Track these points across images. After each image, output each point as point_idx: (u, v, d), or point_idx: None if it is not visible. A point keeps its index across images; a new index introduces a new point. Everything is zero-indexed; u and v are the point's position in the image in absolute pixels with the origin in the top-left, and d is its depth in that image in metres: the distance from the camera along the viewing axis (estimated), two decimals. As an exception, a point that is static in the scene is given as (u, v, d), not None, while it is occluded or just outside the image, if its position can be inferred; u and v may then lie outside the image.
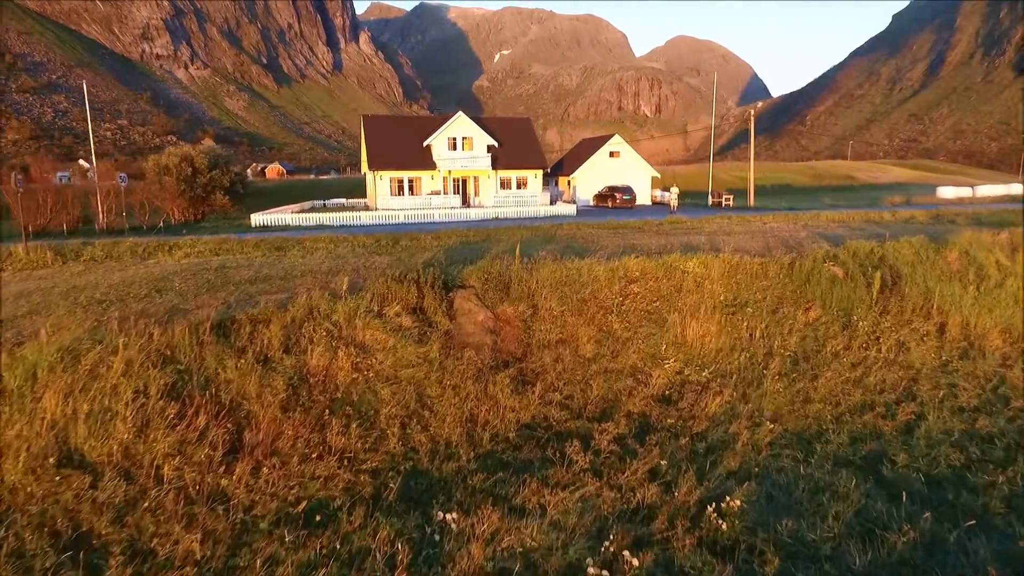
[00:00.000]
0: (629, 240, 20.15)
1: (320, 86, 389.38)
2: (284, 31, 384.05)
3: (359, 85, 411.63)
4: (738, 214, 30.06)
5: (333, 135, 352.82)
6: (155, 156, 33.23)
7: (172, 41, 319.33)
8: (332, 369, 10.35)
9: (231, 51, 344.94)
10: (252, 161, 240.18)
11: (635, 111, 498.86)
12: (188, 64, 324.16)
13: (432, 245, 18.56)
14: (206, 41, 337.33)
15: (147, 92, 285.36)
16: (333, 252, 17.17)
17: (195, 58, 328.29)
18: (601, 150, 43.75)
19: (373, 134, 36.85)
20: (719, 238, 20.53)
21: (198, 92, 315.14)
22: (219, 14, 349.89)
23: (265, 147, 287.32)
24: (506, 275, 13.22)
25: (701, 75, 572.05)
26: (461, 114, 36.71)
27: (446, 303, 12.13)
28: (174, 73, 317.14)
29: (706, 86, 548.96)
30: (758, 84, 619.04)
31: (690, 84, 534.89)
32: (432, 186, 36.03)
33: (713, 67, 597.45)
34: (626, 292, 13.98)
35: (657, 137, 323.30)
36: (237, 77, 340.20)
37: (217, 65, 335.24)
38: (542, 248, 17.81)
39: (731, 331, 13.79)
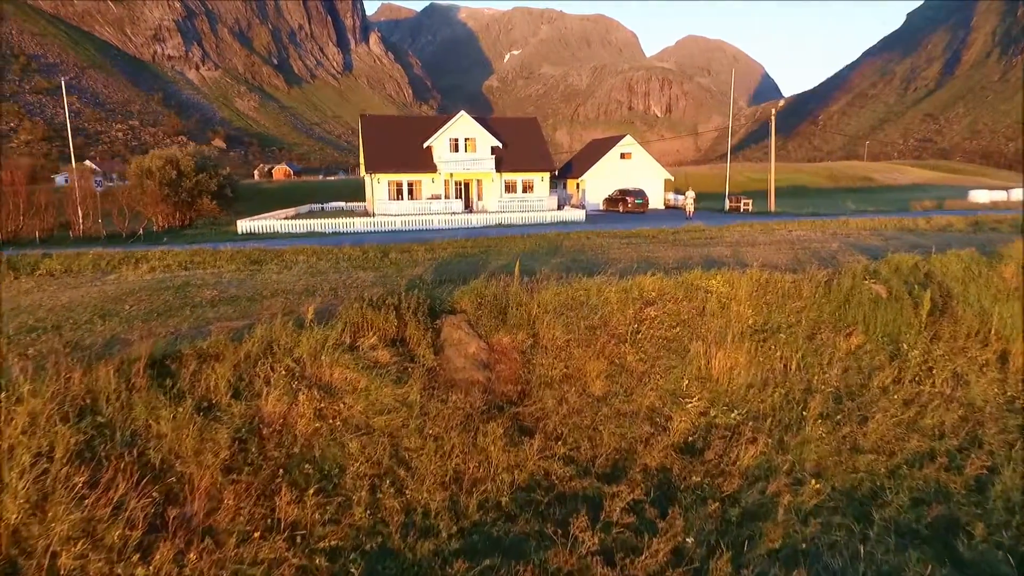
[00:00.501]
0: (643, 252, 18.35)
1: (330, 86, 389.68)
2: (295, 32, 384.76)
3: (369, 85, 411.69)
4: (760, 221, 28.14)
5: (343, 135, 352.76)
6: (138, 158, 31.66)
7: (184, 42, 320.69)
8: (291, 417, 8.65)
9: (242, 52, 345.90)
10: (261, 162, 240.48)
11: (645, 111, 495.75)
12: (199, 65, 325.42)
13: (424, 259, 16.86)
14: (217, 42, 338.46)
15: (158, 93, 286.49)
16: (314, 267, 15.49)
17: (206, 59, 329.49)
18: (612, 151, 41.90)
19: (371, 135, 35.22)
20: (743, 249, 18.69)
21: (209, 93, 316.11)
22: (230, 15, 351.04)
23: (275, 147, 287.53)
24: (503, 298, 11.49)
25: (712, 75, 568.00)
26: (463, 114, 34.97)
27: (431, 332, 10.40)
28: (185, 74, 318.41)
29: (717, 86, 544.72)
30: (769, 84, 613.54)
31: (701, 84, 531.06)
32: (433, 189, 34.36)
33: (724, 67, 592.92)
34: (641, 317, 12.19)
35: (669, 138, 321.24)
36: (248, 78, 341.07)
37: (228, 66, 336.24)
38: (546, 262, 16.08)
39: (762, 362, 11.97)
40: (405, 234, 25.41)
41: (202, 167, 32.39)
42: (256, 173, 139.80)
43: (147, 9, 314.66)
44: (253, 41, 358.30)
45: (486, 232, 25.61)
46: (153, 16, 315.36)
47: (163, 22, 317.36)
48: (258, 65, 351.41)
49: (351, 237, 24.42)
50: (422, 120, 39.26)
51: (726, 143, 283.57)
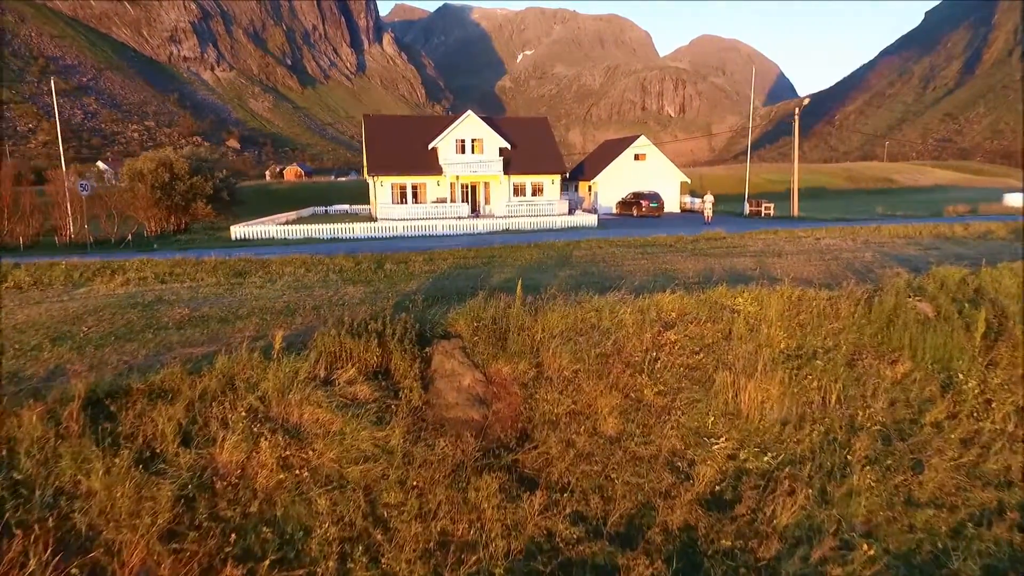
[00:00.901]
0: (660, 263, 16.95)
1: (344, 87, 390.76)
2: (308, 33, 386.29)
3: (382, 86, 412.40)
4: (784, 228, 26.57)
5: (356, 136, 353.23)
6: (130, 160, 30.56)
7: (199, 43, 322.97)
8: (250, 467, 7.39)
9: (256, 53, 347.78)
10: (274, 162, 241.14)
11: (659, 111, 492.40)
12: (214, 66, 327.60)
13: (421, 271, 15.58)
14: (232, 43, 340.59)
15: (174, 93, 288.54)
16: (300, 280, 14.26)
17: (221, 60, 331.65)
18: (625, 153, 40.40)
19: (374, 136, 34.03)
20: (768, 261, 17.21)
21: (224, 93, 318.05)
22: (245, 16, 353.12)
23: (289, 148, 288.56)
24: (503, 321, 10.17)
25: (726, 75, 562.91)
26: (470, 113, 33.65)
27: (420, 363, 9.11)
28: (200, 75, 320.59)
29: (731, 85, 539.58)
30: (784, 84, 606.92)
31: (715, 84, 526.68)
32: (438, 193, 33.10)
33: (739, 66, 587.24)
34: (660, 342, 10.82)
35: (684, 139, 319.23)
36: (262, 78, 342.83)
37: (243, 67, 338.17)
38: (554, 275, 14.75)
39: (798, 394, 10.54)
40: (406, 241, 24.19)
41: (197, 169, 31.24)
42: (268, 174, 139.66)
43: (163, 11, 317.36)
44: (267, 42, 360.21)
45: (491, 240, 24.30)
46: (169, 18, 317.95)
47: (179, 23, 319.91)
48: (272, 66, 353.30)
49: (349, 244, 23.22)
50: (427, 120, 37.95)
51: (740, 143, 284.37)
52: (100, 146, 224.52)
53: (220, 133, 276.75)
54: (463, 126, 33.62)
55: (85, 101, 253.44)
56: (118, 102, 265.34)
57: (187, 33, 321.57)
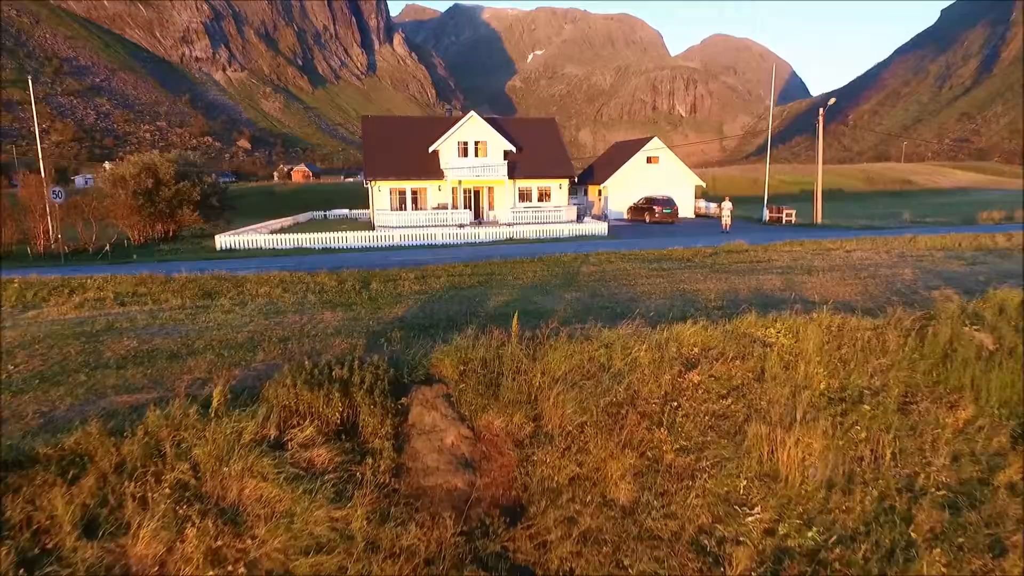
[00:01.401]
0: (677, 282, 15.33)
1: (354, 87, 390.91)
2: (320, 33, 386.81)
3: (393, 86, 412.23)
4: (810, 239, 24.82)
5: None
6: (112, 165, 29.09)
7: (211, 44, 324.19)
8: (171, 564, 5.90)
9: (268, 53, 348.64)
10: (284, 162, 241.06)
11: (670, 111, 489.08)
12: (226, 66, 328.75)
13: (410, 291, 14.08)
14: (244, 44, 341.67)
15: (186, 94, 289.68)
16: (274, 303, 12.79)
17: (233, 60, 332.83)
18: (637, 155, 38.71)
19: (373, 138, 32.54)
20: (798, 279, 15.55)
21: (235, 94, 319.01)
22: (256, 17, 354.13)
23: (299, 148, 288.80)
24: (496, 363, 8.62)
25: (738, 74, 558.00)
26: (474, 115, 32.08)
27: (394, 417, 7.60)
28: (212, 75, 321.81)
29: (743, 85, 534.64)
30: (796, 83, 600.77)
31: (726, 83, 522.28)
32: (439, 198, 31.56)
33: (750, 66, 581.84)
34: (681, 385, 9.23)
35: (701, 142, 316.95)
36: (273, 79, 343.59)
37: (254, 67, 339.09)
38: (559, 298, 13.21)
39: (844, 447, 8.91)
40: (401, 253, 22.72)
41: (184, 174, 29.81)
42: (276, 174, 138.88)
43: (176, 12, 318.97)
44: (279, 42, 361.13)
45: (493, 252, 22.76)
46: (182, 19, 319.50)
47: (191, 24, 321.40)
48: (283, 66, 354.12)
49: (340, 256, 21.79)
50: (428, 122, 36.36)
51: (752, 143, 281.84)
52: (112, 146, 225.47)
53: (231, 133, 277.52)
54: (466, 128, 32.08)
55: (98, 102, 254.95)
56: (131, 102, 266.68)
57: (199, 34, 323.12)
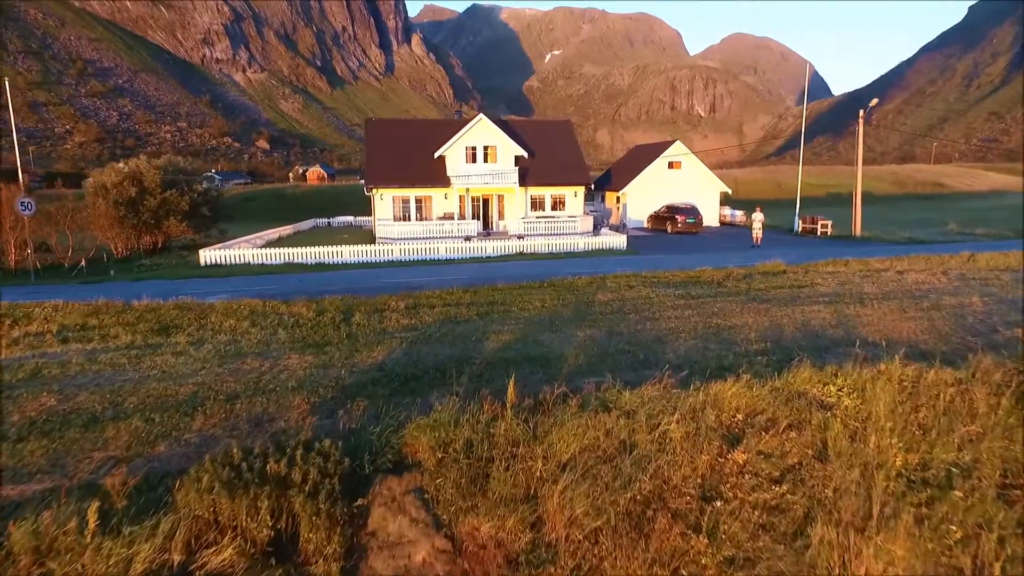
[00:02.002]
0: (709, 315, 12.56)
1: (372, 88, 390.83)
2: (338, 34, 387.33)
3: (410, 87, 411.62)
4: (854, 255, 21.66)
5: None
6: (96, 172, 26.65)
7: (231, 45, 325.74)
8: None
9: (287, 54, 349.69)
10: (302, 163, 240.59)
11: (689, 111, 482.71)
12: (246, 67, 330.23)
13: (397, 327, 11.59)
14: (263, 45, 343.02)
15: (206, 95, 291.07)
16: (236, 341, 10.44)
17: (252, 61, 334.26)
18: (658, 160, 35.66)
19: (375, 142, 29.91)
20: (849, 310, 12.69)
21: (255, 95, 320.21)
22: (276, 18, 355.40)
23: (317, 148, 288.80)
24: (485, 444, 5.90)
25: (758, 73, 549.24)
26: (482, 117, 29.27)
27: (346, 526, 4.90)
28: (232, 76, 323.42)
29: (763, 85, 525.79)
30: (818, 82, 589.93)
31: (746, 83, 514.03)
32: (445, 207, 28.86)
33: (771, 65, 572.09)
34: (723, 468, 6.34)
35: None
36: (292, 80, 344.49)
37: (273, 68, 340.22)
38: (570, 336, 10.54)
39: (935, 552, 5.94)
40: (399, 271, 20.09)
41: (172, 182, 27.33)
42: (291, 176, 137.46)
43: (197, 14, 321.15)
44: (298, 44, 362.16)
45: (499, 270, 19.98)
46: (203, 20, 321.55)
47: (212, 26, 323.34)
48: (302, 67, 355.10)
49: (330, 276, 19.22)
50: (435, 124, 33.55)
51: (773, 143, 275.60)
52: (134, 147, 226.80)
53: (250, 134, 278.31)
54: (474, 131, 29.28)
55: (121, 103, 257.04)
56: (152, 103, 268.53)
57: (220, 35, 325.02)
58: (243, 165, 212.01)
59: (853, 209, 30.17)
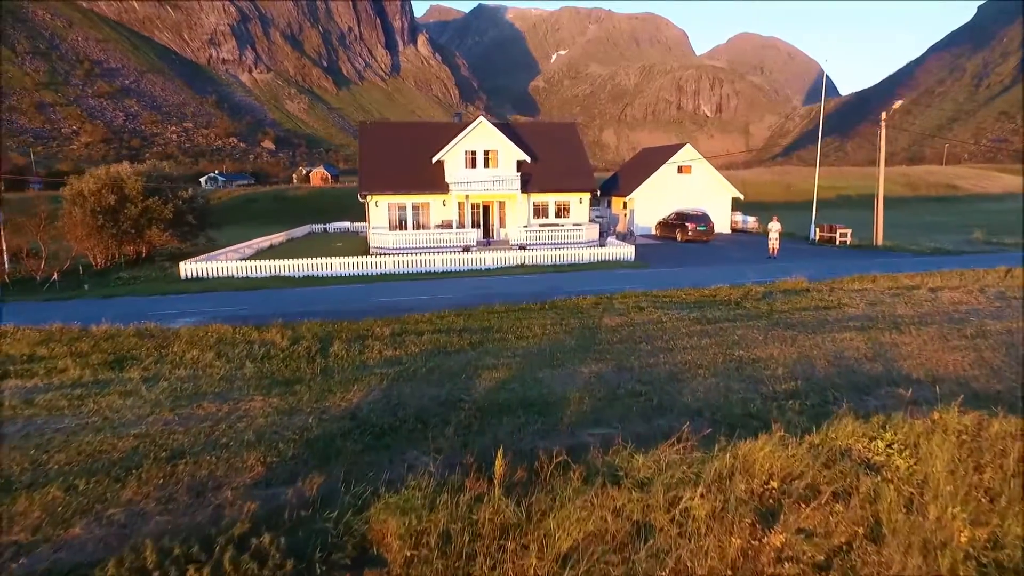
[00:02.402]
0: (729, 344, 11.09)
1: (378, 88, 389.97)
2: (344, 34, 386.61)
3: (416, 87, 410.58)
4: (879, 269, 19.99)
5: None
6: (74, 178, 25.08)
7: (237, 46, 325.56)
8: None
9: (293, 55, 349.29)
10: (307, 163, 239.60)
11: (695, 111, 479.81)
12: (252, 68, 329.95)
13: (379, 359, 10.25)
14: (269, 45, 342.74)
15: (212, 95, 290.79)
16: (197, 377, 9.07)
17: (259, 62, 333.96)
18: (667, 165, 34.02)
19: (370, 146, 28.39)
20: (885, 338, 11.19)
21: (260, 95, 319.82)
22: (282, 19, 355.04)
23: (323, 148, 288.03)
24: (465, 535, 4.37)
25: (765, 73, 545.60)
26: (483, 120, 27.68)
27: None
28: (238, 77, 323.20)
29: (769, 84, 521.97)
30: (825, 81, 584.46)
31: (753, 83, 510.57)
32: (443, 215, 27.32)
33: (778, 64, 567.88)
34: (757, 556, 4.80)
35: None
36: (298, 80, 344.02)
37: (279, 68, 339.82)
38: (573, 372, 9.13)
39: None
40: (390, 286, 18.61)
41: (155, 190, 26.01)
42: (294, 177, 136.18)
43: (204, 14, 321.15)
44: (304, 44, 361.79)
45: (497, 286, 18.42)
46: (209, 21, 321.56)
47: (218, 27, 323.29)
48: (308, 67, 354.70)
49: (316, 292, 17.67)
50: (432, 128, 31.82)
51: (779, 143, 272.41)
52: (139, 147, 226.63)
53: (256, 134, 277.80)
54: (474, 135, 27.72)
55: (127, 103, 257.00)
56: (158, 104, 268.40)
57: (226, 36, 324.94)
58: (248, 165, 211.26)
59: (875, 217, 28.48)
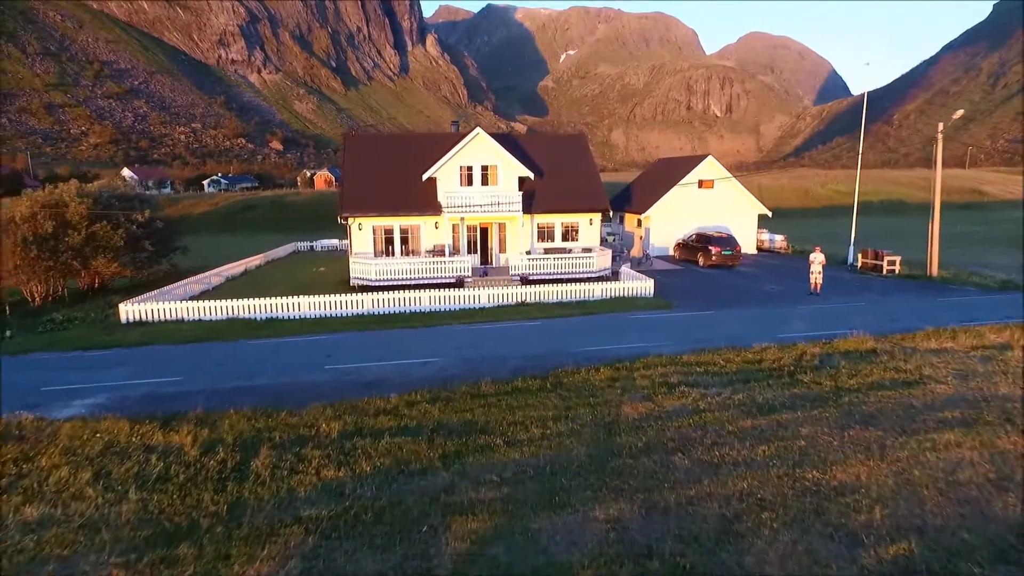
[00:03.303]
0: (796, 460, 7.57)
1: (386, 88, 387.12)
2: (353, 34, 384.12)
3: (424, 87, 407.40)
4: (956, 319, 16.10)
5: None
6: (13, 201, 21.43)
7: (247, 46, 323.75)
8: None
9: (302, 55, 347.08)
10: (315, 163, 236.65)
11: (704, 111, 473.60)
12: (261, 68, 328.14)
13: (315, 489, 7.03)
14: (278, 46, 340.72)
15: (221, 96, 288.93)
16: (42, 530, 5.69)
17: (267, 62, 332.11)
18: (686, 179, 30.33)
19: (354, 160, 24.90)
20: (1005, 443, 7.59)
21: (269, 95, 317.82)
22: (291, 19, 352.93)
23: (331, 149, 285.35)
24: None
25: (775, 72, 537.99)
26: (480, 132, 24.09)
27: None
28: (247, 77, 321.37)
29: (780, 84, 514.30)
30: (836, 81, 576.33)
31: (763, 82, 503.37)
32: (436, 238, 23.82)
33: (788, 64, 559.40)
34: None
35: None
36: (307, 80, 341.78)
37: (288, 69, 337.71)
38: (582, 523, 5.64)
39: None
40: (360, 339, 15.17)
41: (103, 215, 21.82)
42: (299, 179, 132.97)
43: (213, 15, 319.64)
44: (313, 44, 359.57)
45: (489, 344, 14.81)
46: (219, 21, 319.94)
47: (228, 27, 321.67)
48: (317, 68, 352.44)
49: (271, 346, 14.04)
50: (425, 140, 27.93)
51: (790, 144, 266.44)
52: (148, 148, 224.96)
53: (264, 135, 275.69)
54: (470, 149, 24.04)
55: (136, 104, 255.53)
56: (167, 105, 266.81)
57: (235, 36, 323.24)
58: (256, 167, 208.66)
59: (929, 243, 24.72)
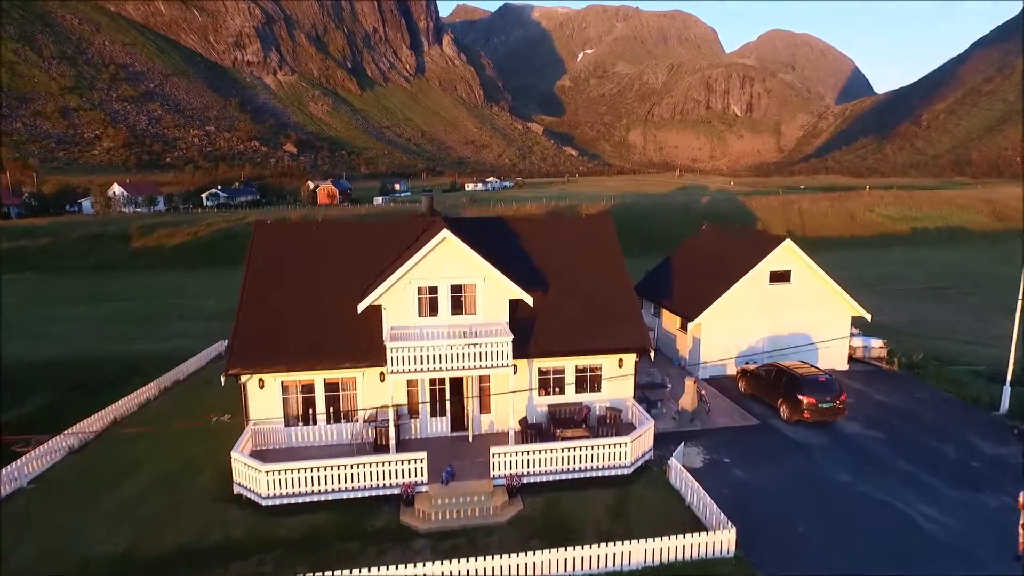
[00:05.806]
0: None
1: (402, 89, 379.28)
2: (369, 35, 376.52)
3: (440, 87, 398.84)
4: None
5: (413, 138, 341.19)
6: None
7: (262, 48, 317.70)
8: None
9: (318, 56, 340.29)
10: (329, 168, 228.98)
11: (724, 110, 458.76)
12: (276, 70, 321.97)
13: None
14: (294, 47, 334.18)
15: (236, 98, 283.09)
16: None
17: (283, 64, 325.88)
18: (755, 271, 21.04)
19: (258, 271, 15.95)
20: None
21: (284, 97, 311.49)
22: (307, 20, 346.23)
23: (345, 151, 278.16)
24: None
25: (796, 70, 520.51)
26: (447, 235, 14.33)
27: None
28: (263, 79, 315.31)
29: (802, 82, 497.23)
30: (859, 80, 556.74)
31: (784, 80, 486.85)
32: (380, 397, 14.82)
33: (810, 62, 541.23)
34: None
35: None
36: (322, 82, 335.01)
37: (304, 70, 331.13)
38: None
39: None
40: None
41: None
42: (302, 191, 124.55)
43: (229, 17, 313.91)
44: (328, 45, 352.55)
45: None
46: (235, 23, 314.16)
47: (244, 29, 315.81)
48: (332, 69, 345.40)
49: None
50: (364, 231, 18.25)
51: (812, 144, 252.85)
52: (160, 151, 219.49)
53: (278, 137, 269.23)
54: (433, 259, 14.44)
55: (150, 107, 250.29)
56: (181, 107, 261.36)
57: (251, 38, 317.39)
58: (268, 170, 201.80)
59: None
